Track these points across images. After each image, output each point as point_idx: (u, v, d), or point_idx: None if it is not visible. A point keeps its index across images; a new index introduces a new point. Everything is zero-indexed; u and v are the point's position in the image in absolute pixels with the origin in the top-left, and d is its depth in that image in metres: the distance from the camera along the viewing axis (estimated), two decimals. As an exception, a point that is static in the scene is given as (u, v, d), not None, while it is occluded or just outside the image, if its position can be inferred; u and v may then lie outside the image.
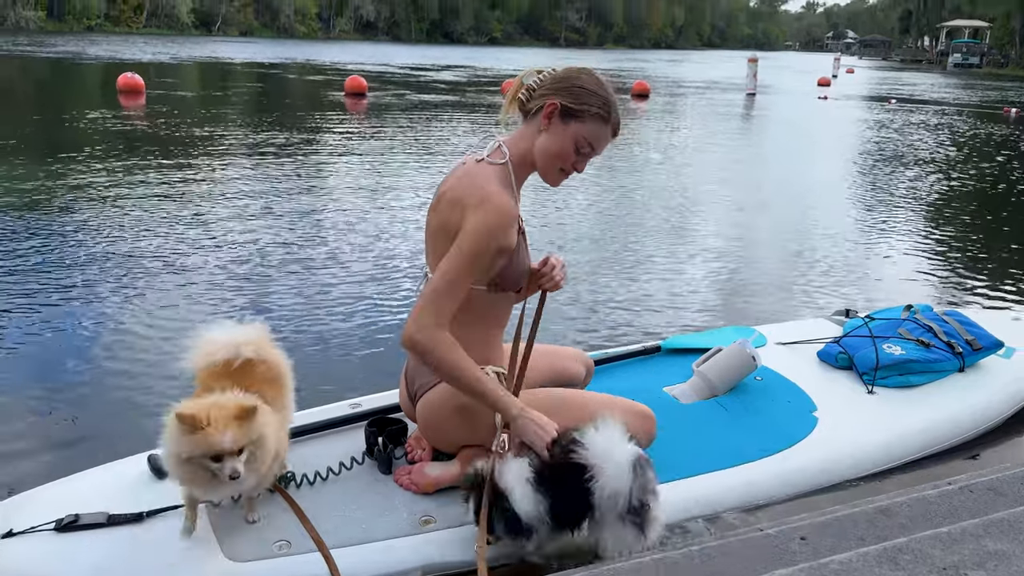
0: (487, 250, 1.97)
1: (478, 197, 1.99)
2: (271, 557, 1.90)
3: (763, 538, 1.22)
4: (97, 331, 3.71)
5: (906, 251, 6.03)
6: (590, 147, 2.07)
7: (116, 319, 3.88)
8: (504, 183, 2.06)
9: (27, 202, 6.17)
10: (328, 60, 33.14)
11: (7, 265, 4.58)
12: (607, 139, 2.09)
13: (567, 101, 2.03)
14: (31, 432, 2.83)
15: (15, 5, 56.12)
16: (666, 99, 21.42)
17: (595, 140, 2.06)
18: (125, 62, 24.82)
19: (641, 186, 8.36)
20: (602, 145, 2.10)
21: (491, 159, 2.10)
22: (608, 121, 2.06)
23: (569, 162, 2.08)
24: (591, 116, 2.03)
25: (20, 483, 2.31)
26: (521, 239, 2.12)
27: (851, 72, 42.61)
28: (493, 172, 2.07)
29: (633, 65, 43.05)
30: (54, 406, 3.02)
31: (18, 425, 2.87)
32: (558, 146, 2.06)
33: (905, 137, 13.96)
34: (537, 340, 2.23)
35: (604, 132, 2.07)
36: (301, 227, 5.83)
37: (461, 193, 2.03)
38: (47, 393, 3.11)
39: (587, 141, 2.05)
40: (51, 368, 3.33)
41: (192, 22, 68.40)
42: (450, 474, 2.16)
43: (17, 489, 2.18)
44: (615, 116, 2.08)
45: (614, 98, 2.09)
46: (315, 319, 3.99)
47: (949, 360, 2.86)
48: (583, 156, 2.08)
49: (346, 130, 11.88)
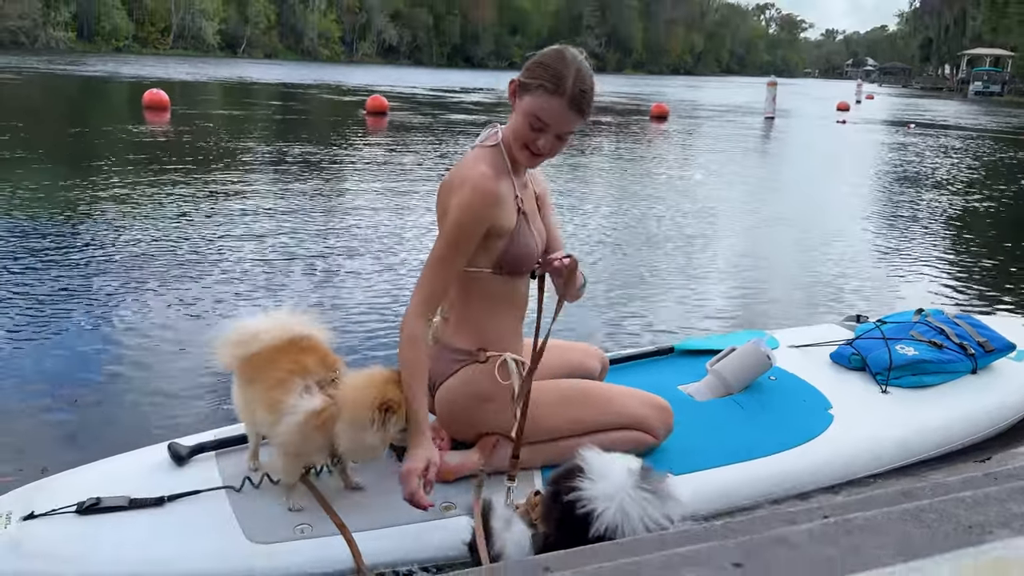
0: (470, 230, 1.99)
1: (460, 179, 2.03)
2: (293, 539, 1.91)
3: (784, 513, 1.24)
4: (121, 328, 3.79)
5: (919, 262, 6.05)
6: (541, 122, 1.97)
7: (138, 316, 3.95)
8: (493, 164, 2.06)
9: (57, 207, 6.31)
10: (350, 82, 33.55)
11: (40, 265, 4.70)
12: (563, 115, 1.97)
13: (522, 76, 2.01)
14: (55, 421, 2.88)
15: (46, 26, 57.35)
16: (685, 121, 21.49)
17: (545, 114, 1.96)
18: (152, 80, 25.29)
19: (661, 200, 8.40)
20: (558, 120, 1.97)
21: (485, 143, 2.12)
22: (556, 94, 1.94)
23: (527, 140, 2.01)
24: (536, 88, 1.96)
25: (43, 470, 2.33)
26: (523, 219, 2.11)
27: (871, 98, 42.54)
28: (482, 155, 2.09)
29: (652, 89, 43.24)
30: (78, 396, 3.07)
31: (43, 414, 2.92)
32: (516, 123, 2.03)
33: (923, 159, 13.94)
34: (552, 337, 2.24)
35: (553, 105, 1.95)
36: (319, 232, 5.91)
37: (449, 179, 2.08)
38: (72, 384, 3.17)
39: (536, 116, 1.97)
40: (78, 360, 3.40)
41: (218, 44, 69.50)
42: (470, 462, 2.17)
43: (41, 475, 2.21)
44: (568, 89, 1.94)
45: (570, 72, 1.95)
46: (333, 317, 4.05)
47: (962, 361, 2.87)
48: (538, 132, 1.99)
49: (366, 146, 12.03)
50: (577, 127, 2.05)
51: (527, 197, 2.17)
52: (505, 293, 2.16)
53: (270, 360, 1.98)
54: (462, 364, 2.16)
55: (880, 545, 1.05)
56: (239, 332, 2.03)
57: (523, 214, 2.12)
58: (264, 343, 1.99)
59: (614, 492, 1.73)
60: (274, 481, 2.08)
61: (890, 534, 1.09)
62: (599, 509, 1.71)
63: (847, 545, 1.05)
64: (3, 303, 4.03)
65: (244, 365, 2.03)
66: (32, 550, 1.84)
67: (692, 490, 2.19)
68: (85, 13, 60.38)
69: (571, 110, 1.97)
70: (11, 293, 4.18)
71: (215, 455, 2.23)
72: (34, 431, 2.81)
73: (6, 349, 3.46)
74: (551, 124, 1.99)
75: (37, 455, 2.60)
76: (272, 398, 1.94)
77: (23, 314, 3.89)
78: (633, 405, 2.25)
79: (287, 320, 2.06)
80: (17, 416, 2.90)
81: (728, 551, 1.03)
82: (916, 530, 1.11)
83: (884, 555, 1.02)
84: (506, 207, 2.05)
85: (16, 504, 1.97)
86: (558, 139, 2.03)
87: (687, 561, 1.01)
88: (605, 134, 16.08)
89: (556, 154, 2.09)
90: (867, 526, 1.12)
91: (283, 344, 2.00)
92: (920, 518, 1.15)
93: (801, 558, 1.02)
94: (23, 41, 55.10)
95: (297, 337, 2.02)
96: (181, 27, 67.47)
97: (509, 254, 2.09)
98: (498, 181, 2.03)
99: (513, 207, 2.08)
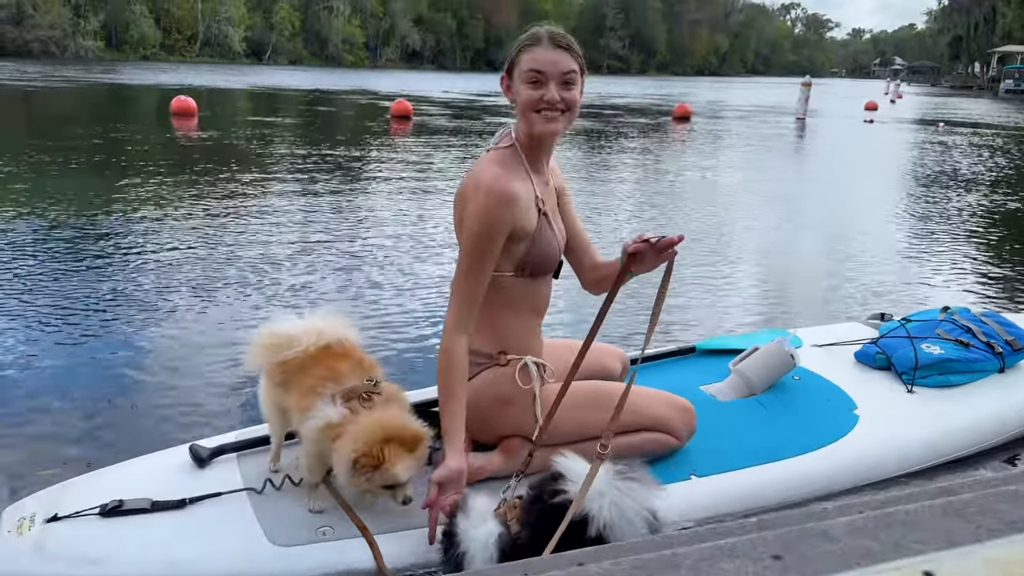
0: (490, 234, 1.97)
1: (474, 184, 2.01)
2: (315, 542, 1.91)
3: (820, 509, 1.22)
4: (146, 333, 3.82)
5: (946, 260, 5.96)
6: (537, 73, 1.98)
7: (167, 319, 4.00)
8: (509, 165, 2.05)
9: (88, 210, 6.40)
10: (374, 87, 33.76)
11: (64, 267, 4.78)
12: (552, 56, 1.98)
13: (507, 62, 2.06)
14: (80, 424, 2.91)
15: (75, 35, 58.41)
16: (711, 122, 21.35)
17: (536, 64, 1.98)
18: (178, 88, 25.65)
19: (688, 198, 8.37)
20: (551, 63, 1.98)
21: (499, 145, 2.11)
22: (536, 44, 1.99)
23: (535, 104, 2.00)
24: (517, 54, 2.01)
25: (67, 471, 2.37)
26: (544, 220, 2.10)
27: (900, 97, 42.07)
28: (496, 157, 2.07)
29: (676, 91, 43.06)
30: (102, 401, 3.10)
31: (69, 418, 2.95)
32: (521, 98, 2.01)
33: (951, 158, 13.74)
34: (572, 337, 2.23)
35: (538, 52, 1.98)
36: (348, 236, 5.94)
37: (463, 187, 2.06)
38: (96, 389, 3.19)
39: (529, 70, 1.98)
40: (102, 366, 3.43)
41: (243, 51, 70.31)
42: (492, 464, 2.17)
43: (65, 477, 2.23)
44: (543, 35, 1.99)
45: (540, 28, 2.01)
46: (367, 320, 4.07)
47: (989, 360, 2.83)
48: (540, 85, 1.98)
49: (390, 149, 12.09)
50: (574, 66, 2.01)
51: (548, 195, 2.15)
52: (526, 295, 2.15)
53: (304, 365, 1.98)
54: (483, 367, 2.14)
55: (921, 539, 1.03)
56: (274, 335, 2.03)
57: (544, 215, 2.10)
58: (300, 348, 1.98)
59: (603, 489, 1.72)
60: (295, 483, 2.09)
61: (932, 529, 1.06)
62: (593, 509, 1.70)
63: (887, 539, 1.03)
64: (38, 308, 4.09)
65: (275, 368, 2.02)
66: (55, 552, 1.86)
67: (716, 492, 2.17)
68: (114, 22, 61.41)
69: (556, 48, 1.98)
70: (42, 296, 4.24)
71: (236, 457, 2.24)
72: (59, 434, 2.83)
73: (40, 351, 3.51)
74: (546, 70, 1.98)
75: (60, 458, 2.63)
76: (305, 404, 1.94)
77: (57, 318, 3.94)
78: (655, 407, 2.23)
79: (321, 324, 2.05)
80: (50, 417, 2.93)
81: (767, 543, 1.01)
82: (958, 524, 1.08)
83: (926, 549, 0.99)
84: (524, 208, 2.02)
85: (41, 506, 2.00)
86: (564, 86, 2.00)
87: (725, 553, 0.99)
88: (629, 136, 16.04)
89: (573, 106, 2.03)
90: (908, 520, 1.09)
91: (317, 350, 2.00)
92: (963, 513, 1.12)
93: (840, 551, 1.00)
94: (53, 51, 56.14)
95: (332, 342, 2.02)
96: (207, 35, 68.28)
97: (531, 256, 2.07)
98: (512, 181, 2.01)
99: (533, 207, 2.06)
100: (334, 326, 2.07)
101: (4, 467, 2.55)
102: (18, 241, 5.38)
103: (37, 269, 4.75)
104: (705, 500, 2.15)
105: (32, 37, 55.34)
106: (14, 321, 3.86)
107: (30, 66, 38.42)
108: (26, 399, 3.06)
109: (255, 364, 2.07)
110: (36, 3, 55.34)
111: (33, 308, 4.05)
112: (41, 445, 2.72)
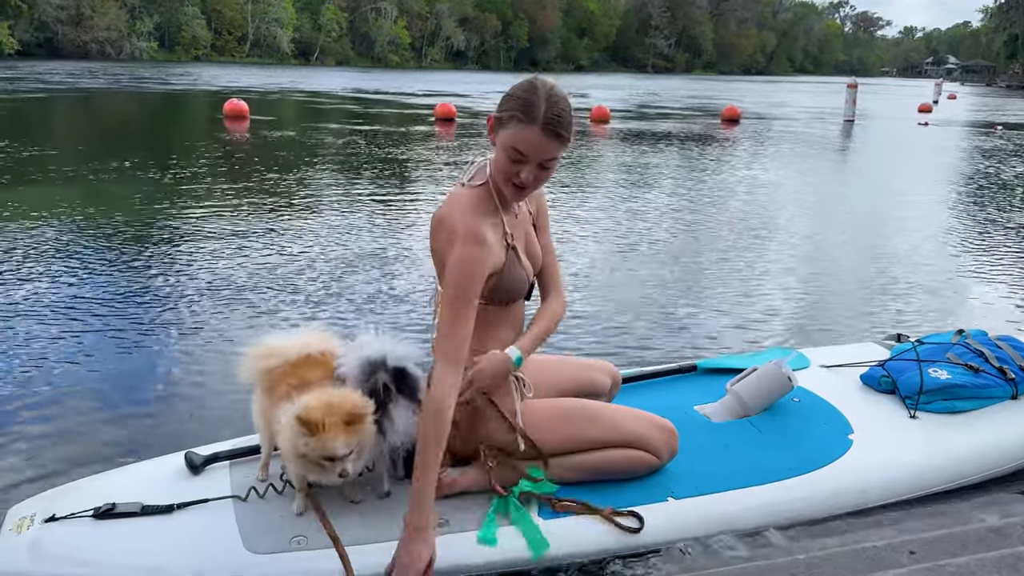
0: (471, 281, 1.98)
1: (450, 226, 2.01)
2: (287, 551, 1.95)
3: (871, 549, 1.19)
4: (145, 341, 3.88)
5: (988, 280, 5.70)
6: (519, 154, 1.95)
7: (164, 331, 4.03)
8: (480, 207, 2.05)
9: (102, 215, 6.59)
10: (420, 88, 34.03)
11: (96, 268, 4.92)
12: (540, 143, 1.93)
13: (497, 111, 2.00)
14: (80, 430, 2.98)
15: (130, 36, 60.03)
16: (758, 124, 21.01)
17: (521, 144, 1.94)
18: (232, 89, 26.28)
19: (723, 206, 8.27)
20: (536, 149, 1.94)
21: (471, 183, 2.12)
22: (530, 122, 1.91)
23: (509, 174, 1.99)
24: (508, 119, 1.95)
25: (74, 475, 2.47)
26: (512, 255, 2.11)
27: (953, 98, 40.87)
28: (468, 197, 2.07)
29: (722, 91, 42.55)
30: (102, 407, 3.17)
31: (68, 423, 3.02)
32: (498, 158, 2.01)
33: (1009, 166, 13.21)
34: (568, 354, 2.24)
35: (528, 134, 1.92)
36: (387, 242, 6.02)
37: (438, 220, 2.07)
38: (97, 395, 3.27)
39: (513, 147, 1.94)
40: (105, 372, 3.50)
41: (292, 52, 71.44)
42: (467, 478, 2.20)
43: (70, 480, 2.33)
44: (540, 116, 1.91)
45: (541, 99, 1.92)
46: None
47: (1000, 386, 2.73)
48: (518, 164, 1.97)
49: (434, 151, 12.24)
50: (559, 153, 2.00)
51: (518, 227, 2.17)
52: (499, 318, 2.18)
53: (284, 375, 2.09)
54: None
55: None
56: (260, 347, 2.16)
57: (512, 249, 2.12)
58: (281, 359, 2.11)
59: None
60: (278, 491, 2.15)
61: None
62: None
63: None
64: (69, 308, 4.22)
65: (264, 378, 2.14)
66: (48, 552, 1.95)
67: (692, 514, 2.16)
68: (167, 24, 62.95)
69: (547, 136, 1.93)
70: (74, 297, 4.37)
71: (229, 464, 2.30)
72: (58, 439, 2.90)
73: (64, 356, 3.62)
74: (529, 154, 1.95)
75: (59, 462, 2.71)
76: (276, 411, 2.04)
77: (86, 321, 4.06)
78: (634, 425, 2.23)
79: (308, 337, 2.18)
80: (67, 420, 3.03)
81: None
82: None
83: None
84: (495, 250, 2.05)
85: (41, 506, 2.10)
86: (541, 168, 1.99)
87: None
88: (679, 138, 15.91)
89: (541, 184, 2.06)
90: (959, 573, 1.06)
91: (300, 360, 2.11)
92: (1016, 567, 1.08)
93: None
94: (109, 52, 57.81)
95: (314, 353, 2.13)
96: (256, 36, 69.57)
97: (499, 289, 2.11)
98: (485, 227, 2.02)
99: (501, 247, 2.08)
100: (321, 338, 2.18)
101: (17, 468, 2.65)
102: (17, 243, 5.55)
103: (46, 272, 4.87)
104: (681, 522, 2.13)
105: (89, 38, 57.13)
106: (35, 327, 3.96)
107: (90, 64, 39.38)
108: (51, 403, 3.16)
109: (245, 375, 2.19)
110: (94, 4, 57.00)
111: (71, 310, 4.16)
112: (54, 450, 2.80)
